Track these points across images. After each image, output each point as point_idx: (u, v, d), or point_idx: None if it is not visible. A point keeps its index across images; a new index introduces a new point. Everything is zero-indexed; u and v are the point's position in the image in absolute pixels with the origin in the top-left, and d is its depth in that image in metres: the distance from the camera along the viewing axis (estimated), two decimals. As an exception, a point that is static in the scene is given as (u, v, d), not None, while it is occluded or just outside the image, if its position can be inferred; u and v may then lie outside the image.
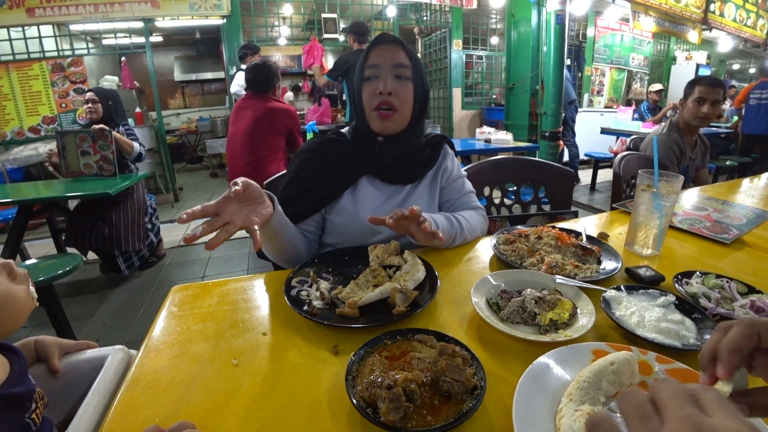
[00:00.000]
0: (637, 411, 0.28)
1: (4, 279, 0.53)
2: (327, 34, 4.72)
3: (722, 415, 0.25)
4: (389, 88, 0.90)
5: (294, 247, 0.92)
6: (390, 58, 0.91)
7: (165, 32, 7.29)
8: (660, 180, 0.86)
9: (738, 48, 7.80)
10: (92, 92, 2.56)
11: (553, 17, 3.57)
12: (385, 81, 0.90)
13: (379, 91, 0.90)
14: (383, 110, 0.92)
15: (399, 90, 0.92)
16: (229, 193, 0.70)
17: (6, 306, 0.52)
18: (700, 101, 1.87)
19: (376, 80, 0.92)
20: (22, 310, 0.54)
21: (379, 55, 0.92)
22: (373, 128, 0.96)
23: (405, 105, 0.93)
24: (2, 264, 0.54)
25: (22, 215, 2.30)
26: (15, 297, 0.53)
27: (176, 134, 6.97)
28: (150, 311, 2.28)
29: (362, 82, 0.94)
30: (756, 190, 1.50)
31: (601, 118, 5.75)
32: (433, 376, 0.49)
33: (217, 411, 0.49)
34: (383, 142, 0.98)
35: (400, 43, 0.93)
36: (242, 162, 2.35)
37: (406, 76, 0.92)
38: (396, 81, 0.91)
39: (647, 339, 0.58)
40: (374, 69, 0.92)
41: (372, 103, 0.93)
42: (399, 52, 0.92)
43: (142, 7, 3.93)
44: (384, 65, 0.91)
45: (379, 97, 0.91)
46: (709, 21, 5.75)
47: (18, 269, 0.56)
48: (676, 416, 0.25)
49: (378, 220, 0.78)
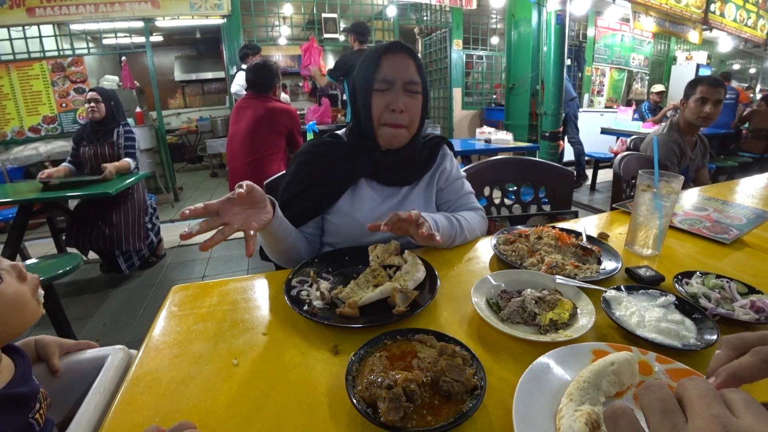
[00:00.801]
0: (660, 405, 0.27)
1: (13, 280, 0.53)
2: (327, 34, 4.72)
3: (751, 417, 0.24)
4: (402, 105, 0.90)
5: (296, 249, 0.93)
6: (404, 73, 0.90)
7: (165, 32, 7.30)
8: (660, 180, 0.86)
9: (738, 48, 7.81)
10: (95, 92, 2.55)
11: (553, 17, 3.57)
12: (398, 98, 0.90)
13: (392, 108, 0.90)
14: (393, 127, 0.92)
15: (410, 106, 0.92)
16: (233, 194, 0.70)
17: (14, 306, 0.52)
18: (702, 101, 1.87)
19: (388, 94, 0.91)
20: (29, 312, 0.55)
21: (392, 67, 0.90)
22: (379, 142, 0.96)
23: (414, 121, 0.94)
24: (12, 265, 0.55)
25: (22, 215, 2.30)
26: (23, 298, 0.54)
27: (176, 134, 6.97)
28: (150, 311, 2.28)
29: (372, 92, 0.92)
30: (756, 190, 1.50)
31: (601, 118, 5.75)
32: (433, 376, 0.49)
33: (217, 411, 0.49)
34: (385, 152, 0.98)
35: (411, 54, 0.92)
36: (242, 162, 2.35)
37: (416, 92, 0.92)
38: (407, 97, 0.91)
39: (647, 339, 0.57)
40: (387, 83, 0.90)
41: (383, 117, 0.92)
42: (411, 66, 0.91)
43: (142, 7, 3.93)
44: (397, 81, 0.90)
45: (392, 115, 0.91)
46: (709, 21, 5.75)
47: (29, 274, 0.56)
48: (704, 415, 0.25)
49: (375, 226, 0.79)
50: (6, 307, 0.51)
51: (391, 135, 0.93)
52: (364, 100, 0.93)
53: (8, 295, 0.52)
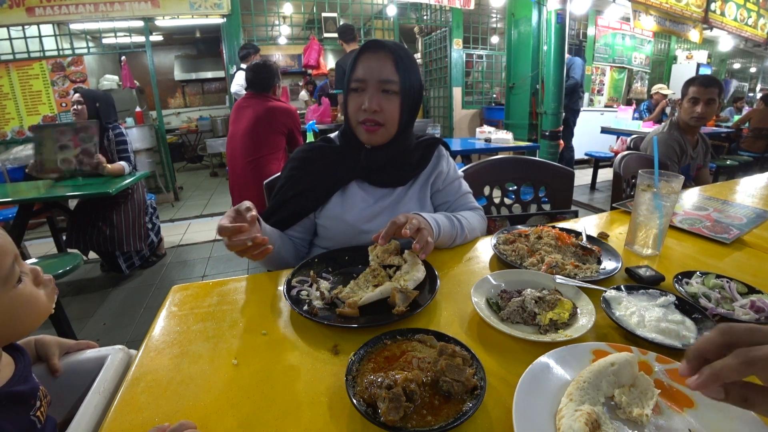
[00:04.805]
0: None
1: (30, 282, 0.55)
2: (327, 33, 4.72)
3: None
4: (374, 105, 0.89)
5: (280, 257, 0.95)
6: (377, 72, 0.89)
7: (165, 31, 7.29)
8: (660, 180, 0.86)
9: (739, 47, 7.80)
10: (78, 93, 2.47)
11: (553, 16, 3.56)
12: (371, 98, 0.89)
13: (364, 108, 0.89)
14: (369, 125, 0.92)
15: (385, 105, 0.90)
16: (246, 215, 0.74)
17: (28, 307, 0.54)
18: (693, 101, 1.87)
19: (363, 94, 0.90)
20: (41, 314, 0.56)
21: (366, 67, 0.89)
22: (360, 139, 0.97)
23: (391, 120, 0.92)
24: (31, 269, 0.57)
25: (23, 215, 2.30)
26: (37, 300, 0.55)
27: (176, 133, 6.98)
28: (150, 311, 2.28)
29: (348, 92, 0.93)
30: (756, 189, 1.49)
31: (601, 117, 5.75)
32: (433, 376, 0.49)
33: (217, 411, 0.49)
34: (370, 150, 0.98)
35: (389, 50, 0.90)
36: (242, 161, 2.36)
37: (393, 91, 0.90)
38: (382, 96, 0.90)
39: (647, 339, 0.57)
40: (361, 83, 0.90)
41: (358, 116, 0.92)
42: (387, 65, 0.89)
43: (142, 6, 3.93)
44: (371, 80, 0.89)
45: (365, 114, 0.90)
46: (709, 20, 5.74)
47: (44, 275, 0.59)
48: None
49: (376, 237, 0.79)
50: (20, 307, 0.53)
51: (368, 133, 0.93)
52: (344, 100, 0.96)
53: (24, 295, 0.53)
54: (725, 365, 0.34)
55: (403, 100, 0.92)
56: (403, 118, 0.94)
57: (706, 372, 0.35)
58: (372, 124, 0.91)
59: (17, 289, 0.52)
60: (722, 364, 0.34)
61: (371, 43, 0.91)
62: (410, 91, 0.92)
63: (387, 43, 0.91)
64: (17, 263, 0.54)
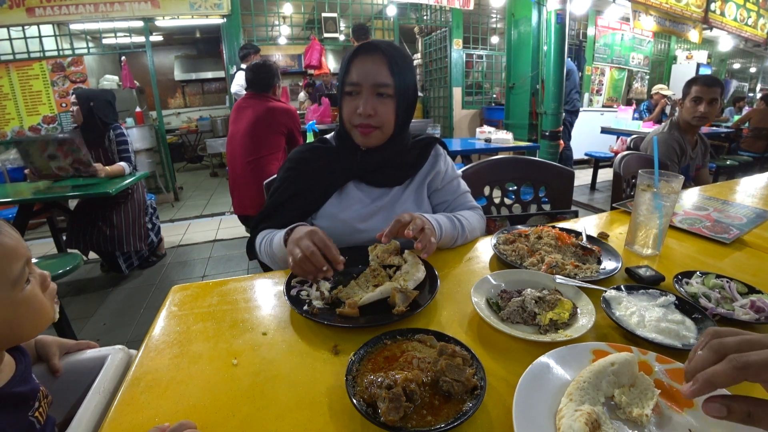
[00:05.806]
0: None
1: (37, 287, 0.56)
2: (327, 34, 4.72)
3: None
4: (369, 110, 0.88)
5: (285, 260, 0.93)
6: (372, 76, 0.88)
7: (165, 31, 7.29)
8: (660, 180, 0.86)
9: (739, 47, 7.80)
10: (74, 95, 2.43)
11: (553, 16, 3.56)
12: (366, 102, 0.88)
13: (359, 112, 0.89)
14: (364, 128, 0.92)
15: (380, 109, 0.90)
16: None
17: (34, 310, 0.54)
18: (696, 101, 1.87)
19: (357, 97, 0.90)
20: (45, 321, 0.57)
21: (360, 71, 0.89)
22: (356, 142, 0.96)
23: (386, 122, 0.92)
24: (41, 274, 0.58)
25: (23, 215, 2.30)
26: (42, 305, 0.56)
27: (176, 134, 6.98)
28: (150, 311, 2.28)
29: (343, 95, 0.93)
30: (756, 189, 1.49)
31: (601, 117, 5.75)
32: (433, 376, 0.49)
33: (217, 411, 0.49)
34: (366, 151, 0.98)
35: (383, 53, 0.88)
36: (242, 161, 2.36)
37: (387, 94, 0.90)
38: (377, 100, 0.89)
39: (647, 339, 0.57)
40: (355, 86, 0.90)
41: (353, 120, 0.92)
42: (381, 68, 0.88)
43: (142, 7, 3.93)
44: (365, 84, 0.88)
45: (360, 118, 0.90)
46: (709, 20, 5.74)
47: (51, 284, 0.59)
48: None
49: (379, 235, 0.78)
50: (26, 310, 0.53)
51: (363, 136, 0.93)
52: (339, 102, 0.95)
53: (31, 297, 0.54)
54: (718, 371, 0.35)
55: (398, 102, 0.92)
56: (398, 120, 0.94)
57: (701, 379, 0.35)
58: (367, 128, 0.91)
59: (25, 292, 0.53)
60: (715, 370, 0.35)
61: (365, 45, 0.90)
62: (405, 92, 0.92)
63: (381, 44, 0.90)
64: (28, 266, 0.54)
